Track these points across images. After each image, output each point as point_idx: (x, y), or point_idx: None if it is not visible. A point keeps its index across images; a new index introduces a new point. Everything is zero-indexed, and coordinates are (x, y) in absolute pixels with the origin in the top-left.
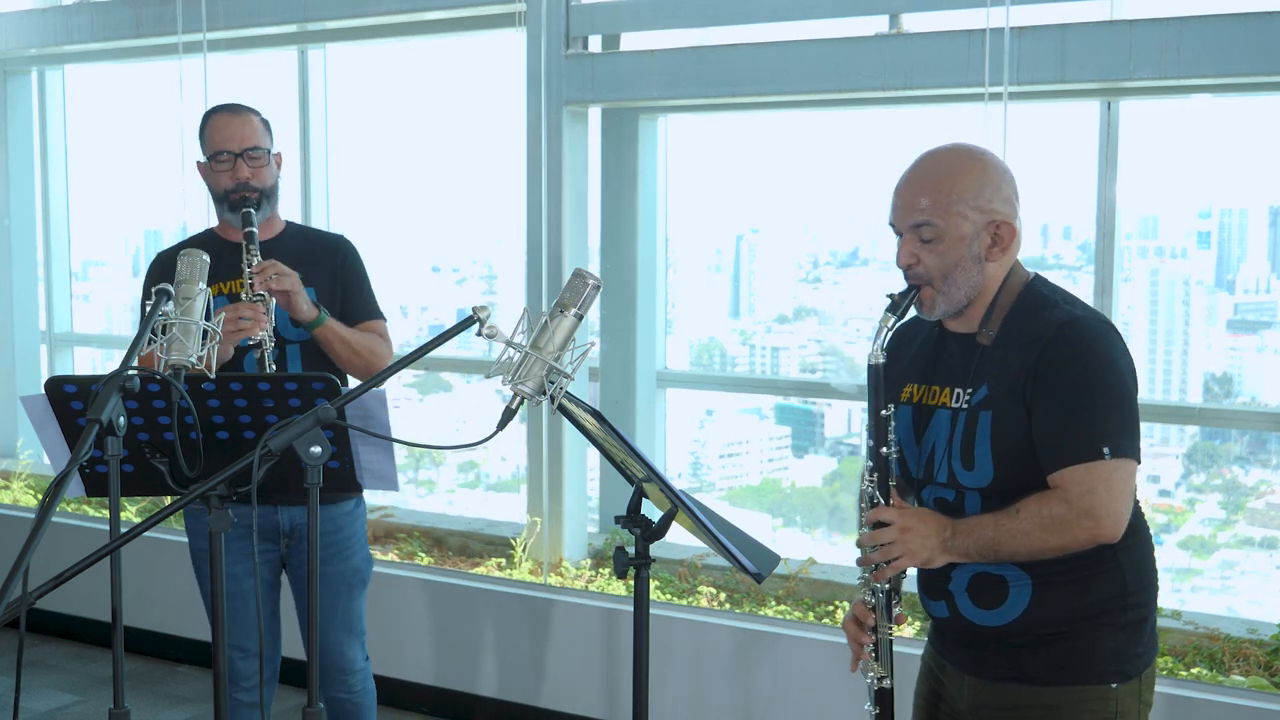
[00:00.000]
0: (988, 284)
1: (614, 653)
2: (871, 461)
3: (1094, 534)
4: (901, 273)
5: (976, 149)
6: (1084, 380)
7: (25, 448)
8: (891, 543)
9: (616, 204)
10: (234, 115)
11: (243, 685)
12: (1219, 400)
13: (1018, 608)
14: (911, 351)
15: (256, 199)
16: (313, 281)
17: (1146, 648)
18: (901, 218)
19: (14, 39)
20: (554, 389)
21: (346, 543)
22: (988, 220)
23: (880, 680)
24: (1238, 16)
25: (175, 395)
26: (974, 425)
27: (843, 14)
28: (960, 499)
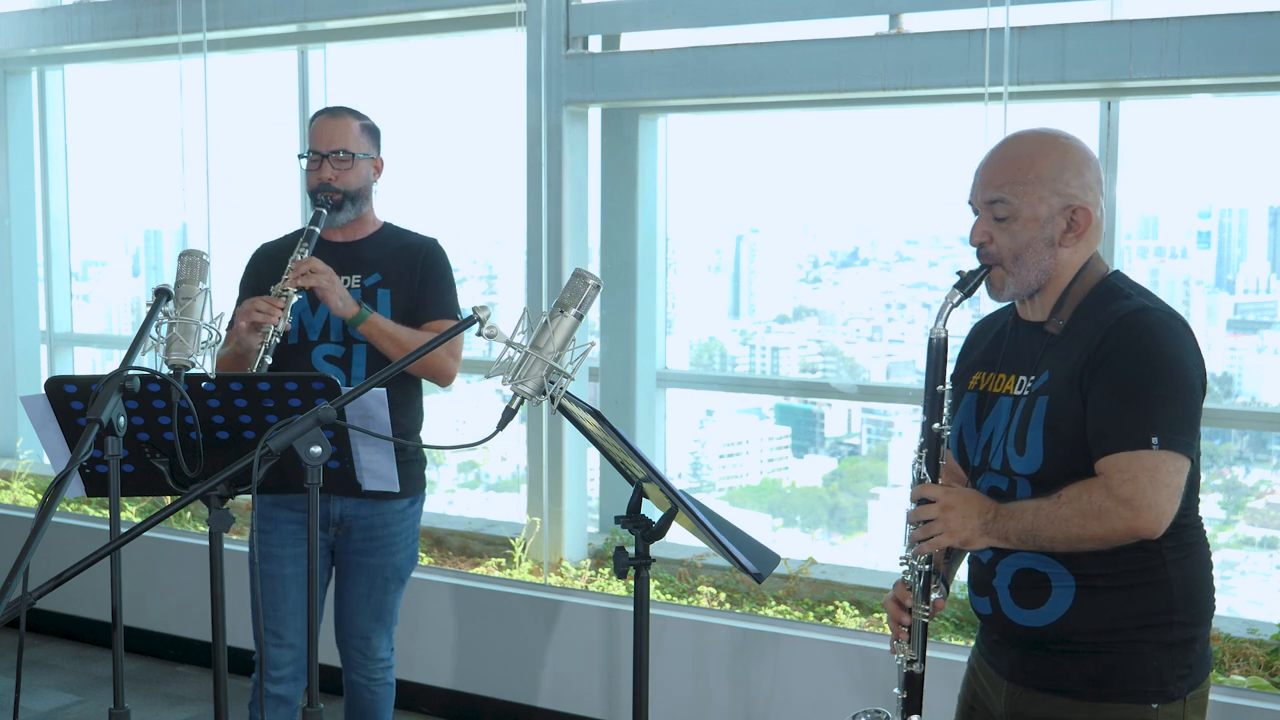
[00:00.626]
0: (1061, 271)
1: (614, 653)
2: (923, 437)
3: (1132, 525)
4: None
5: (1064, 134)
6: (1141, 369)
7: (25, 448)
8: (933, 519)
9: (616, 204)
10: (331, 117)
11: (272, 675)
12: (1219, 400)
13: (1058, 609)
14: (985, 343)
15: (338, 200)
16: (392, 284)
17: (1194, 669)
18: (978, 194)
19: (14, 39)
20: (554, 389)
21: (393, 539)
22: (1065, 204)
23: (910, 663)
24: (1238, 16)
25: (175, 395)
26: (1030, 410)
27: (843, 14)
28: (1013, 486)
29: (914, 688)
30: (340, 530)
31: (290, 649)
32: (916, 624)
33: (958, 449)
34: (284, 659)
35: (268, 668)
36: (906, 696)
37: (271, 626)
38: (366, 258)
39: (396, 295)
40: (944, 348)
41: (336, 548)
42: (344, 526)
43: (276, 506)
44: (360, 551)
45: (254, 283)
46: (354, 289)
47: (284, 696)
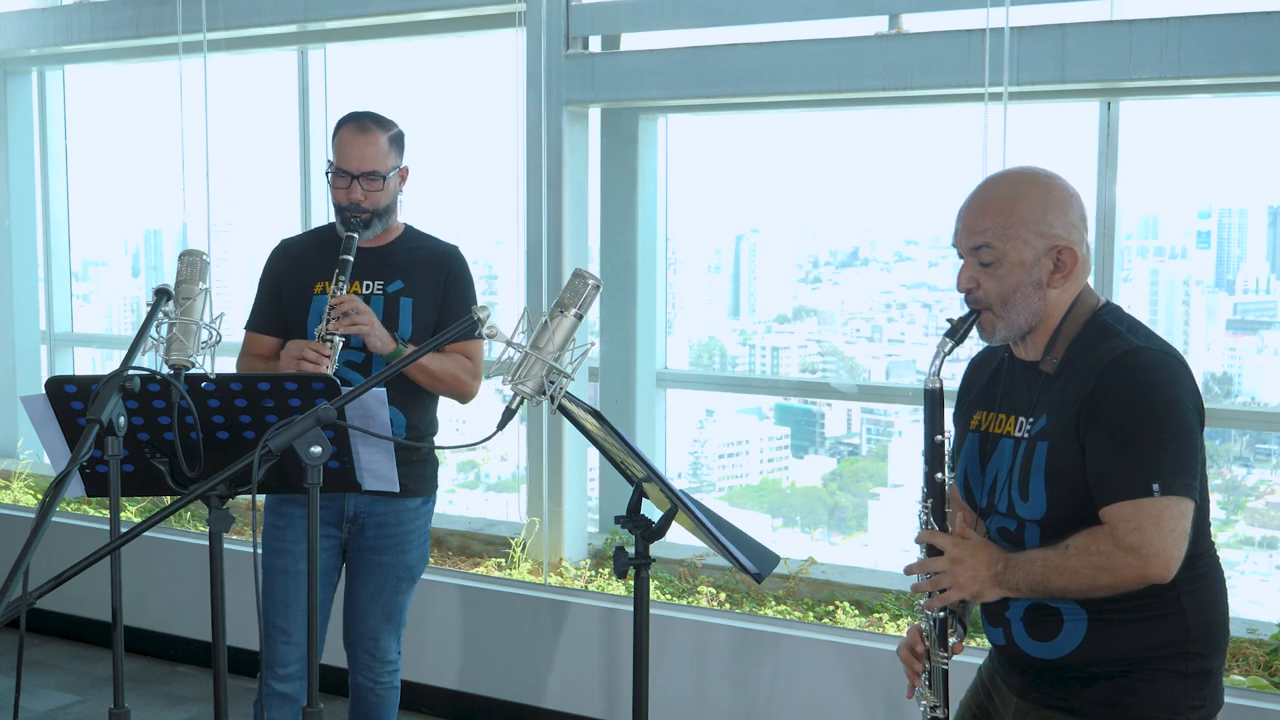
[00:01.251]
0: (1051, 310)
1: (614, 653)
2: (926, 487)
3: (1141, 573)
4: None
5: (1044, 173)
6: (1136, 414)
7: (25, 448)
8: (942, 572)
9: (616, 204)
10: (360, 133)
11: (279, 673)
12: (1219, 400)
13: (1071, 642)
14: (984, 379)
15: (366, 219)
16: (414, 292)
17: (1208, 701)
18: (962, 240)
19: (14, 39)
20: (554, 389)
21: (406, 537)
22: (1050, 245)
23: (934, 710)
24: (1238, 16)
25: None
26: (1031, 456)
27: (843, 14)
28: (1021, 529)
29: None
30: (354, 527)
31: (298, 646)
32: (936, 671)
33: (964, 490)
34: (291, 656)
35: (274, 665)
36: None
37: (280, 623)
38: (389, 263)
39: (419, 305)
40: (940, 397)
41: (349, 545)
42: (358, 523)
43: (290, 503)
44: (373, 549)
45: (273, 283)
46: (376, 295)
47: (290, 695)
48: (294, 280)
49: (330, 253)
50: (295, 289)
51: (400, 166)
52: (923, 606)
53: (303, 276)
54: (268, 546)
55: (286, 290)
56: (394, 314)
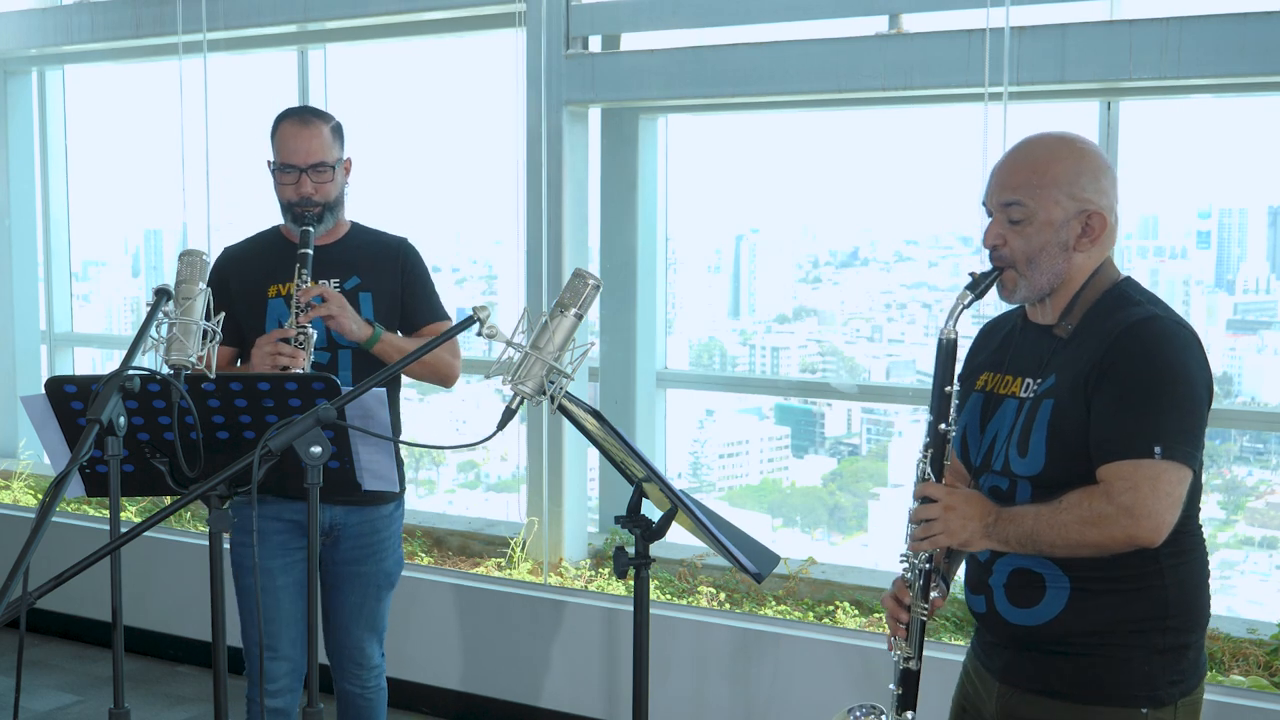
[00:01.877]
0: (1073, 275)
1: (614, 653)
2: (928, 437)
3: (1131, 533)
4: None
5: (1081, 139)
6: (1147, 377)
7: (25, 448)
8: (934, 519)
9: (616, 204)
10: (303, 126)
11: (269, 689)
12: (1219, 400)
13: (1052, 609)
14: (995, 343)
15: (318, 213)
16: (372, 286)
17: (1186, 676)
18: (994, 196)
19: (14, 39)
20: (554, 389)
21: (382, 545)
22: (1080, 209)
23: (906, 660)
24: (1238, 16)
25: (175, 395)
26: (1035, 412)
27: (843, 14)
28: (1013, 488)
29: (909, 684)
30: (329, 539)
31: (286, 661)
32: (915, 622)
33: (960, 448)
34: (280, 671)
35: (264, 681)
36: (902, 692)
37: (266, 640)
38: (342, 260)
39: (378, 299)
40: (953, 348)
41: (325, 558)
42: (333, 535)
43: (262, 518)
44: (351, 561)
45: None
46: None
47: (282, 709)
48: (245, 286)
49: (279, 254)
50: (247, 295)
51: (344, 158)
52: (907, 555)
53: (254, 281)
54: (239, 565)
55: (238, 297)
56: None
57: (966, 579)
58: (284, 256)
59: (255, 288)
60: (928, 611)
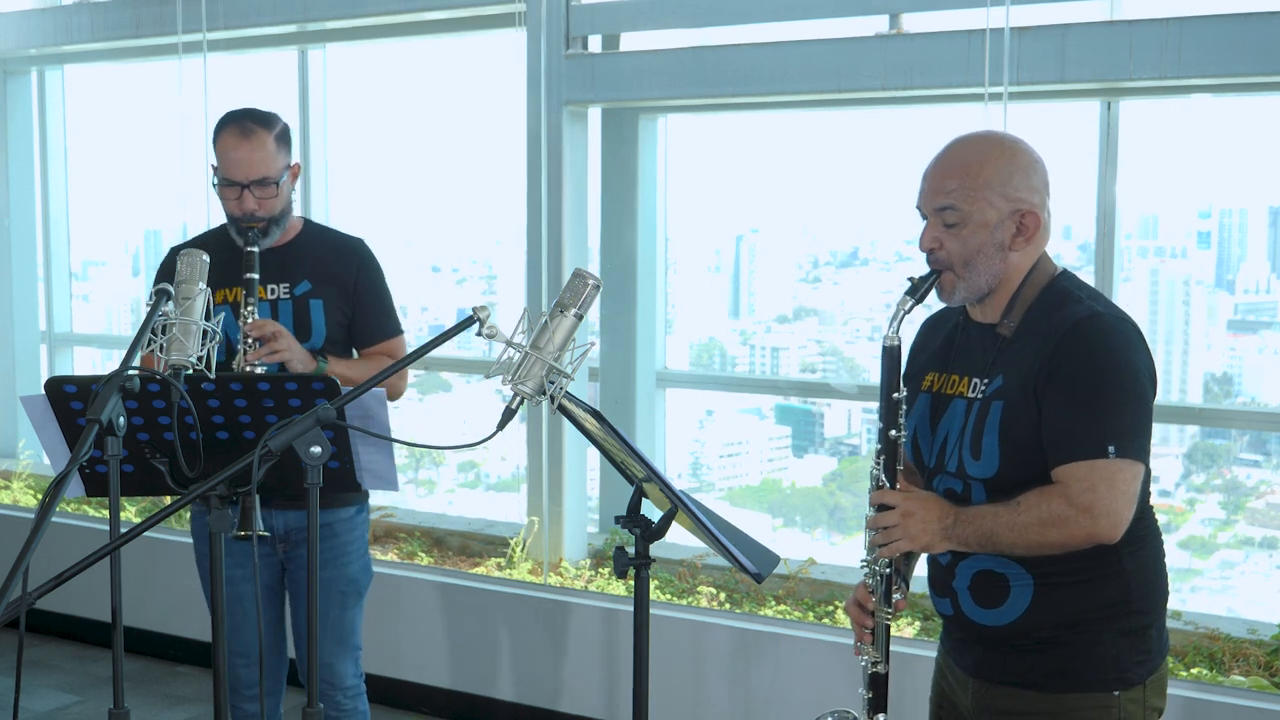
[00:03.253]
0: (1011, 274)
1: (614, 653)
2: (880, 444)
3: (1091, 532)
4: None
5: (1009, 137)
6: (1095, 376)
7: (25, 448)
8: (893, 525)
9: (616, 204)
10: (244, 138)
11: (245, 694)
12: (1219, 400)
13: (1018, 608)
14: (937, 342)
15: (263, 227)
16: (323, 293)
17: (1151, 654)
18: (927, 200)
19: (14, 39)
20: (554, 389)
21: (343, 550)
22: (1013, 209)
23: (874, 665)
24: (1238, 16)
25: (175, 395)
26: (985, 415)
27: (843, 14)
28: (968, 490)
29: (879, 687)
30: (286, 545)
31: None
32: (880, 626)
33: (912, 450)
34: (253, 676)
35: (240, 687)
36: (872, 696)
37: (237, 647)
38: (292, 264)
39: (329, 306)
40: (898, 355)
41: (286, 564)
42: (290, 541)
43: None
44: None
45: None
46: (283, 299)
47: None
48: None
49: (227, 254)
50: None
51: (291, 164)
52: (868, 562)
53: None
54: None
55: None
56: (304, 317)
57: (930, 582)
58: (232, 257)
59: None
60: (891, 615)
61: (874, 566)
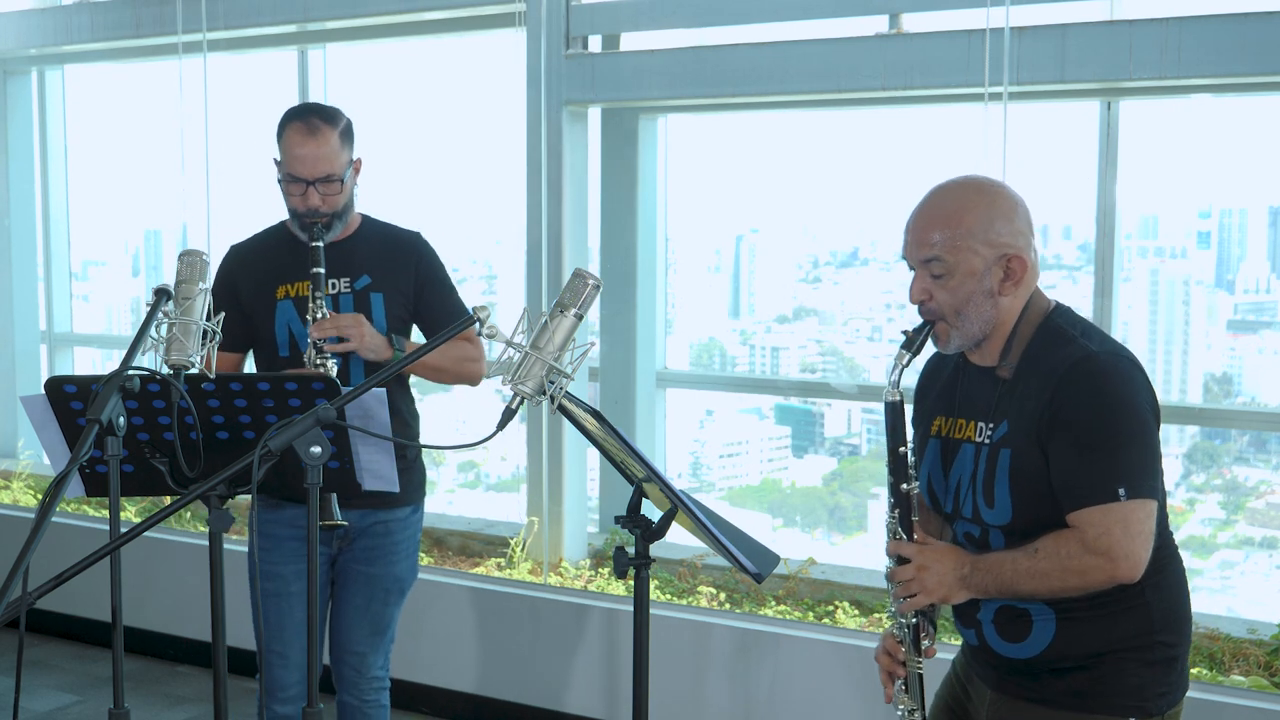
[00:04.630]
0: (1004, 317)
1: (614, 653)
2: (893, 498)
3: (1111, 575)
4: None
5: (987, 181)
6: (1097, 420)
7: (25, 448)
8: (910, 580)
9: (616, 204)
10: (309, 135)
11: (279, 695)
12: (1219, 400)
13: (1042, 642)
14: (940, 383)
15: (327, 222)
16: (386, 286)
17: (1173, 688)
18: (912, 253)
19: (14, 39)
20: (554, 389)
21: (394, 548)
22: (999, 254)
23: (911, 714)
24: (1237, 16)
25: (175, 395)
26: (994, 462)
27: (843, 14)
28: (985, 535)
29: None
30: (344, 542)
31: (297, 669)
32: (913, 675)
33: (929, 495)
34: (290, 679)
35: (274, 689)
36: None
37: (276, 647)
38: (352, 258)
39: (390, 299)
40: (901, 409)
41: (338, 559)
42: (347, 538)
43: (276, 523)
44: (360, 561)
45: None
46: (344, 293)
47: (291, 716)
48: (253, 286)
49: (287, 252)
50: (256, 295)
51: (354, 160)
52: (895, 613)
53: (262, 281)
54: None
55: (246, 298)
56: (365, 311)
57: (955, 612)
58: (293, 255)
59: (264, 288)
60: (922, 663)
61: (900, 618)
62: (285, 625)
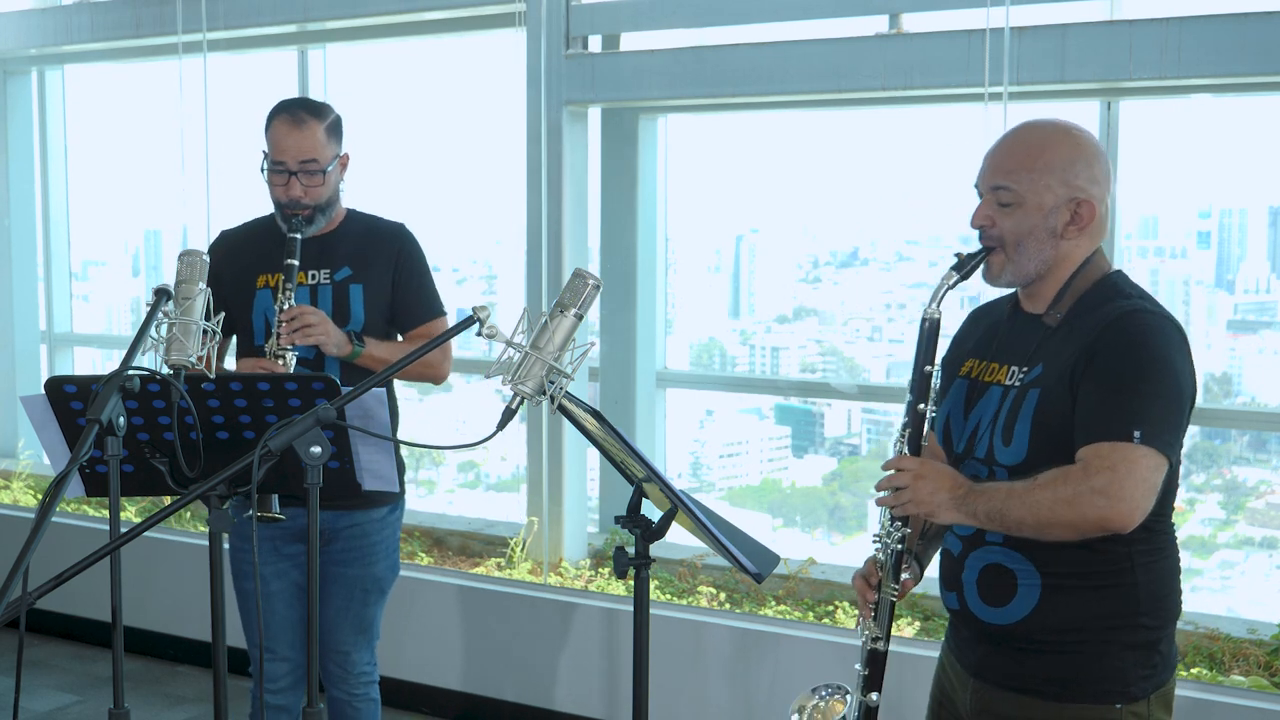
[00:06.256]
0: (1061, 262)
1: (614, 653)
2: (906, 417)
3: (1104, 514)
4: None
5: (1076, 127)
6: (1131, 364)
7: (25, 448)
8: (903, 487)
9: (616, 204)
10: (294, 125)
11: (270, 688)
12: (1219, 400)
13: (1024, 608)
14: (982, 330)
15: (308, 215)
16: (366, 278)
17: (1158, 668)
18: (985, 178)
19: (14, 39)
20: (554, 389)
21: (372, 549)
22: (1071, 196)
23: (874, 641)
24: (1237, 16)
25: (175, 395)
26: (1020, 402)
27: (843, 14)
28: (991, 476)
29: (876, 665)
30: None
31: (285, 661)
32: (884, 602)
33: (943, 436)
34: (280, 671)
35: (265, 681)
36: (868, 673)
37: (266, 643)
38: (333, 250)
39: (369, 291)
40: (936, 329)
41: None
42: (324, 538)
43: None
44: (338, 562)
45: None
46: (323, 284)
47: (284, 706)
48: (235, 274)
49: (271, 242)
50: (237, 283)
51: (340, 154)
52: (879, 536)
53: (243, 269)
54: (236, 569)
55: (228, 285)
56: (344, 303)
57: (940, 574)
58: (275, 245)
59: (245, 277)
60: (898, 593)
61: (885, 540)
62: (270, 623)
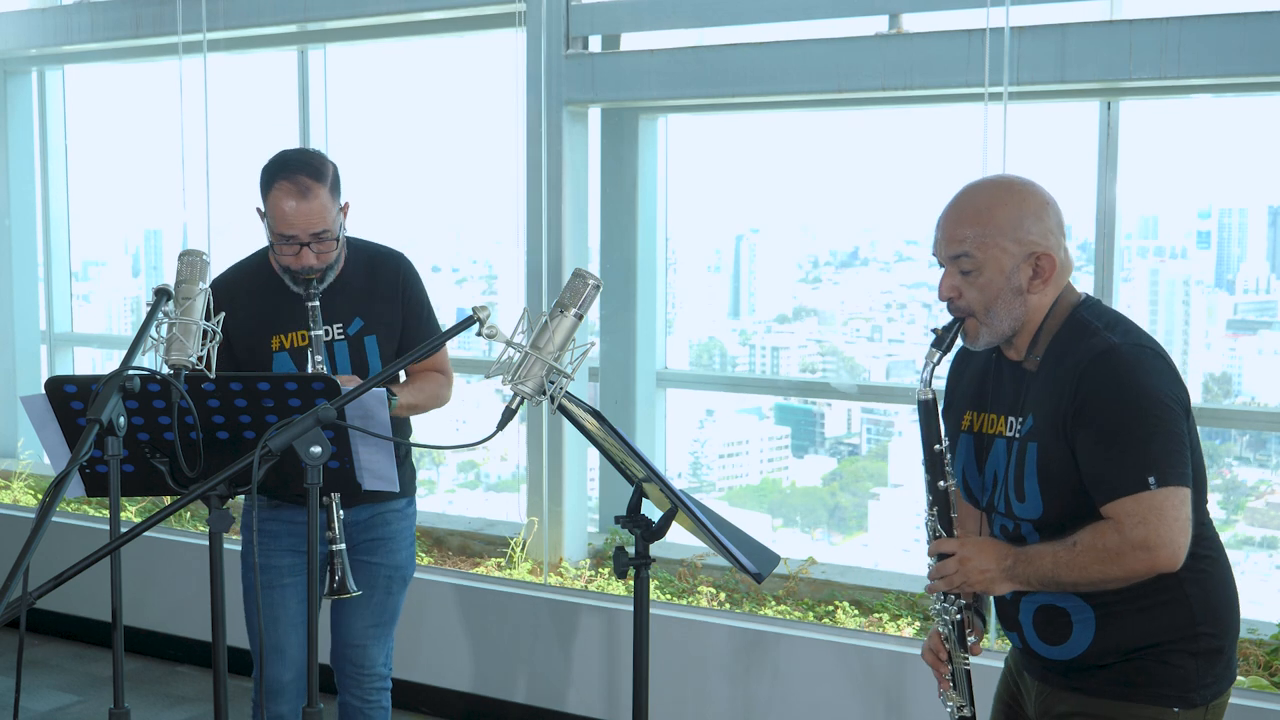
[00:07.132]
0: (1033, 314)
1: (614, 653)
2: (930, 495)
3: (1151, 564)
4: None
5: (1019, 180)
6: (1120, 411)
7: (25, 448)
8: (953, 573)
9: (616, 204)
10: (300, 197)
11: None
12: (1219, 400)
13: (1083, 643)
14: (969, 376)
15: (321, 276)
16: (378, 326)
17: (1219, 678)
18: (942, 250)
19: (14, 39)
20: (554, 389)
21: (394, 538)
22: (1028, 252)
23: (960, 709)
24: (1238, 16)
25: (175, 395)
26: (1023, 456)
27: (843, 14)
28: (1018, 529)
29: None
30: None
31: (293, 663)
32: (959, 672)
33: (964, 489)
34: (286, 677)
35: (272, 688)
36: None
37: (271, 641)
38: (342, 299)
39: (383, 339)
40: (934, 407)
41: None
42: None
43: (274, 520)
44: (362, 553)
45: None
46: (338, 340)
47: (285, 715)
48: (244, 333)
49: (275, 296)
50: (249, 344)
51: (343, 205)
52: (939, 611)
53: (253, 329)
54: (246, 564)
55: (238, 345)
56: (361, 356)
57: (997, 616)
58: (282, 299)
59: (257, 338)
60: (968, 660)
61: (944, 616)
62: (280, 618)
